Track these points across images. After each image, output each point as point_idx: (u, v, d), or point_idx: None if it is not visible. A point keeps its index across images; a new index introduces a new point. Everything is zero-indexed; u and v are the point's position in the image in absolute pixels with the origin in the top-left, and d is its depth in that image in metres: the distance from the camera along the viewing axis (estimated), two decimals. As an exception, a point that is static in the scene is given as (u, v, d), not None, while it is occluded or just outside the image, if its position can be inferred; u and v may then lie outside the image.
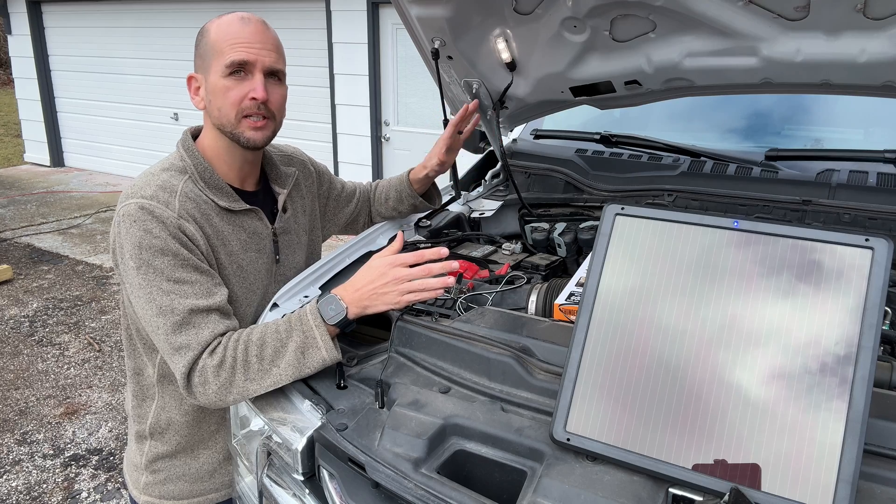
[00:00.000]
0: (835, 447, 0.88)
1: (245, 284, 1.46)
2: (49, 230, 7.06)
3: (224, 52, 1.33)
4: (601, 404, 1.03)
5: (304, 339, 1.27)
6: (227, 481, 1.56)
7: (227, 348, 1.27)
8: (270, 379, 1.28)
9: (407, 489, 1.02)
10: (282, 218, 1.55)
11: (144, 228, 1.28)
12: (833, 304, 0.96)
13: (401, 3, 1.63)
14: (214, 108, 1.37)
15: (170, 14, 8.07)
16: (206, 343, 1.28)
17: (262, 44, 1.35)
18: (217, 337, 1.29)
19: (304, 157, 1.71)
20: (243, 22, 1.35)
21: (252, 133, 1.38)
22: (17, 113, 10.42)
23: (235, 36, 1.33)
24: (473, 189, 2.22)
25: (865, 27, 1.35)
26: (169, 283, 1.28)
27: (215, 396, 1.28)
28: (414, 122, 6.66)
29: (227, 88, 1.34)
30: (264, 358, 1.26)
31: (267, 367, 1.27)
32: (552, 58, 1.72)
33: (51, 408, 3.78)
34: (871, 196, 1.69)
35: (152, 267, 1.28)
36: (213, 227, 1.39)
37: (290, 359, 1.27)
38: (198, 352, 1.27)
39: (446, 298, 1.44)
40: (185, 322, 1.28)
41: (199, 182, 1.39)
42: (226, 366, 1.26)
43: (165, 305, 1.27)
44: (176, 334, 1.27)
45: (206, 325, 1.29)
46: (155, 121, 8.58)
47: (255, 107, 1.35)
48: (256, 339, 1.28)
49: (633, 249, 1.11)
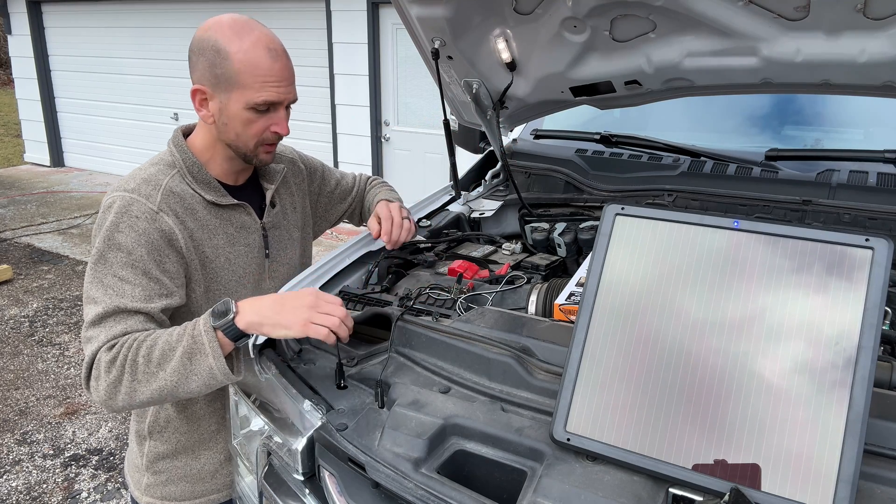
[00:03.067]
0: (835, 447, 0.88)
1: (235, 277, 1.47)
2: (49, 230, 7.06)
3: (252, 88, 1.31)
4: (601, 404, 1.03)
5: (191, 343, 1.21)
6: (228, 482, 1.56)
7: (122, 345, 1.23)
8: (156, 384, 1.21)
9: (407, 489, 1.02)
10: (270, 213, 1.55)
11: (115, 221, 1.30)
12: (833, 304, 0.96)
13: (401, 3, 1.63)
14: (231, 132, 1.37)
15: (170, 14, 8.08)
16: (113, 337, 1.24)
17: (288, 80, 1.35)
18: (128, 334, 1.25)
19: (293, 155, 1.71)
20: (272, 56, 1.31)
21: (266, 156, 1.43)
22: (17, 113, 10.42)
23: (266, 73, 1.31)
24: (473, 189, 2.22)
25: (865, 27, 1.35)
26: (111, 279, 1.28)
27: (105, 394, 1.23)
28: (414, 122, 6.66)
29: (249, 121, 1.35)
30: (151, 360, 1.21)
31: (153, 371, 1.21)
32: (552, 58, 1.72)
33: (51, 408, 3.77)
34: (871, 196, 1.69)
35: (105, 259, 1.29)
36: (198, 221, 1.40)
37: (175, 364, 1.21)
38: (101, 343, 1.24)
39: (446, 298, 1.44)
40: (105, 317, 1.26)
41: (188, 177, 1.41)
42: (116, 363, 1.22)
43: (98, 297, 1.28)
44: (92, 326, 1.27)
45: (123, 322, 1.26)
46: (155, 121, 8.58)
47: (276, 139, 1.40)
48: (150, 341, 1.23)
49: (633, 249, 1.11)
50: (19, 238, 6.78)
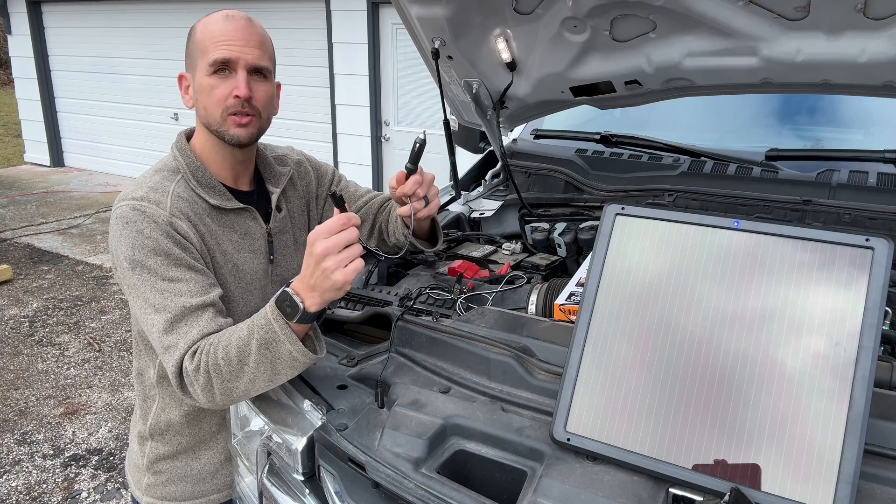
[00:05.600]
0: (835, 447, 0.88)
1: (241, 285, 1.46)
2: (49, 230, 7.06)
3: (208, 51, 1.34)
4: (601, 404, 1.03)
5: (264, 335, 1.22)
6: (229, 482, 1.56)
7: (202, 352, 1.25)
8: (246, 380, 1.23)
9: (407, 489, 1.02)
10: (276, 217, 1.54)
11: (137, 229, 1.29)
12: (833, 305, 0.96)
13: (401, 3, 1.63)
14: (201, 107, 1.38)
15: (170, 14, 8.07)
16: (192, 343, 1.26)
17: (244, 41, 1.35)
18: (206, 336, 1.27)
19: (300, 157, 1.69)
20: (227, 20, 1.36)
21: (237, 130, 1.38)
22: (17, 113, 10.42)
23: (219, 34, 1.34)
24: (473, 189, 2.22)
25: (866, 27, 1.35)
26: (162, 282, 1.28)
27: (204, 399, 1.26)
28: (414, 122, 6.65)
29: (211, 87, 1.35)
30: (231, 361, 1.23)
31: (237, 369, 1.23)
32: (552, 58, 1.72)
33: (51, 408, 3.77)
34: (872, 196, 1.69)
35: (146, 267, 1.28)
36: (206, 227, 1.39)
37: (256, 357, 1.22)
38: (184, 352, 1.26)
39: (446, 298, 1.44)
40: (177, 320, 1.27)
41: (192, 181, 1.40)
42: (201, 370, 1.24)
43: (159, 304, 1.27)
44: (167, 333, 1.27)
45: (196, 323, 1.27)
46: (155, 121, 8.57)
47: (239, 104, 1.36)
48: (224, 342, 1.24)
49: (634, 249, 1.11)
50: (19, 238, 6.78)
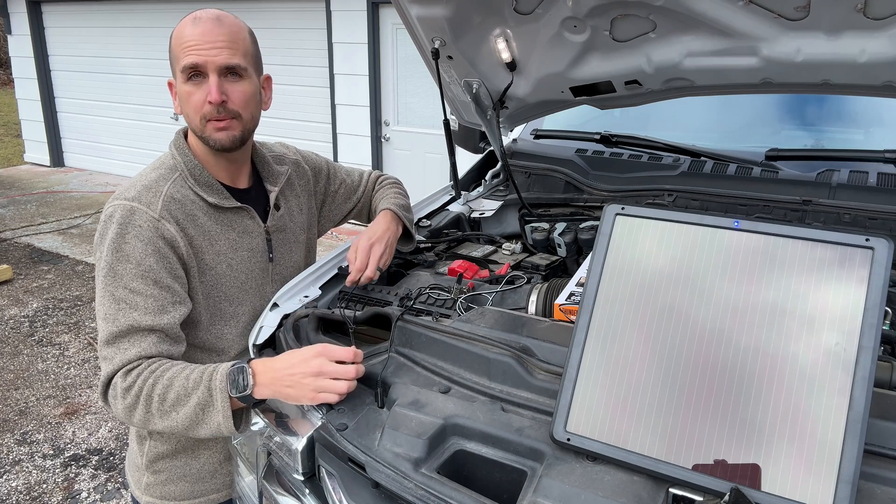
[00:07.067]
0: (835, 447, 0.88)
1: (237, 283, 1.46)
2: (49, 230, 7.06)
3: (179, 58, 1.32)
4: (601, 404, 1.03)
5: (206, 397, 1.23)
6: (228, 482, 1.56)
7: (139, 375, 1.26)
8: (167, 422, 1.26)
9: (407, 489, 1.02)
10: (274, 216, 1.54)
11: (119, 231, 1.30)
12: (833, 304, 0.96)
13: (401, 3, 1.63)
14: (184, 114, 1.38)
15: (170, 14, 8.07)
16: (127, 362, 1.27)
17: (211, 43, 1.31)
18: (143, 359, 1.28)
19: (296, 156, 1.70)
20: (194, 23, 1.32)
21: (218, 135, 1.36)
22: (17, 113, 10.41)
23: (187, 39, 1.31)
24: (473, 189, 2.22)
25: (866, 27, 1.35)
26: (123, 291, 1.29)
27: (122, 415, 1.29)
28: (414, 122, 6.66)
29: (188, 94, 1.34)
30: (166, 400, 1.25)
31: (167, 410, 1.25)
32: (552, 58, 1.72)
33: (51, 408, 3.77)
34: (872, 196, 1.69)
35: (114, 271, 1.29)
36: (198, 228, 1.39)
37: (188, 411, 1.24)
38: (116, 368, 1.27)
39: (446, 298, 1.44)
40: (121, 335, 1.28)
41: (189, 179, 1.40)
42: (132, 392, 1.26)
43: (110, 314, 1.29)
44: (107, 345, 1.29)
45: (138, 344, 1.28)
46: (155, 121, 8.57)
47: (214, 110, 1.33)
48: (166, 379, 1.25)
49: (634, 249, 1.11)
50: (19, 238, 6.78)
